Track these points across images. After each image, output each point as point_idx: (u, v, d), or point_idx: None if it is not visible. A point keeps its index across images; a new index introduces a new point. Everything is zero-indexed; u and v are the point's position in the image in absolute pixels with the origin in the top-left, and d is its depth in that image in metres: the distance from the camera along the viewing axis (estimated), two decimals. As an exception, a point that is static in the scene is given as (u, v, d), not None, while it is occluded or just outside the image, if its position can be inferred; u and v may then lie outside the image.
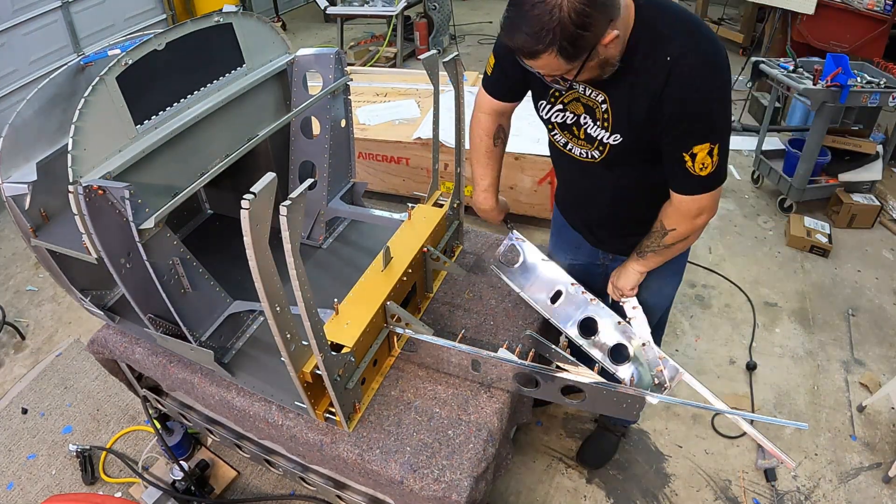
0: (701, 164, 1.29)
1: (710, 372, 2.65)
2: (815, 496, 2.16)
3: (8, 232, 3.76)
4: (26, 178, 1.53)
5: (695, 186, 1.34)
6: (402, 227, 1.87)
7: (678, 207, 1.43)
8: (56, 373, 2.73)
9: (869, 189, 3.57)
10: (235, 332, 1.79)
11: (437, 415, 1.58)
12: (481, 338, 1.80)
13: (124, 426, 2.48)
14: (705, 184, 1.33)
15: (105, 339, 1.91)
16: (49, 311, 3.14)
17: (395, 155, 3.49)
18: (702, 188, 1.34)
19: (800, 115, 4.25)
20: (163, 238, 1.47)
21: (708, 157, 1.27)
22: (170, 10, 5.64)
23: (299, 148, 2.13)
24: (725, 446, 2.34)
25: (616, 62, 1.24)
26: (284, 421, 1.60)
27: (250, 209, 0.98)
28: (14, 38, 4.19)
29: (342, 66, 1.99)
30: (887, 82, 3.15)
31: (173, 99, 1.61)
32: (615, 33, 1.14)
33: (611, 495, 2.20)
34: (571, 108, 1.46)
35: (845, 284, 3.12)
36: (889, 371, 2.61)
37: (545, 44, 1.10)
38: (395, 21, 5.55)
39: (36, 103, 1.54)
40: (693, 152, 1.27)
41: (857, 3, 4.16)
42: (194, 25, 1.62)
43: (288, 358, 1.31)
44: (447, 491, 1.40)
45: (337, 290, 1.67)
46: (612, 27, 1.14)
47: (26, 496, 2.24)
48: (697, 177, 1.31)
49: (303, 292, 1.18)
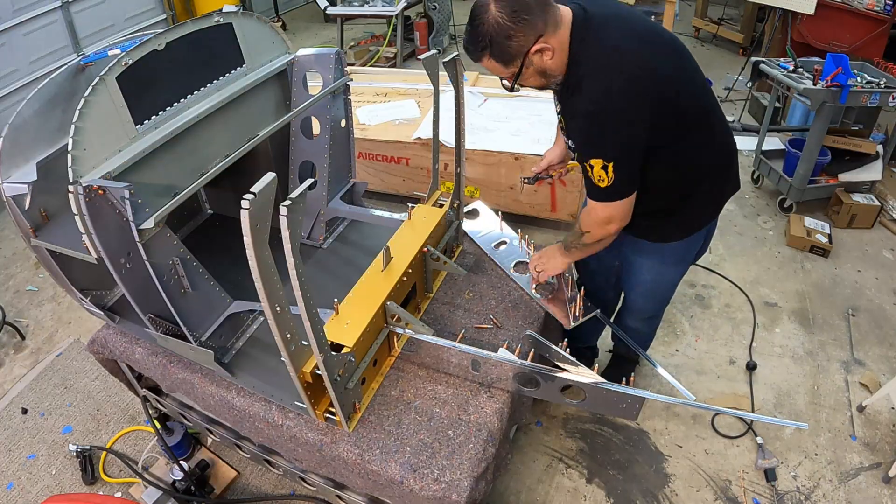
0: (598, 177, 1.44)
1: (710, 372, 2.65)
2: (815, 496, 2.16)
3: (8, 232, 3.76)
4: (26, 178, 1.54)
5: (597, 194, 1.49)
6: (402, 227, 1.87)
7: (589, 212, 1.59)
8: (56, 373, 2.73)
9: (869, 189, 3.57)
10: (235, 332, 1.79)
11: (437, 415, 1.58)
12: (481, 338, 1.80)
13: (124, 426, 2.48)
14: (605, 194, 1.48)
15: (105, 339, 1.91)
16: (49, 311, 3.14)
17: (395, 155, 3.48)
18: (604, 197, 1.49)
19: (800, 115, 4.25)
20: (163, 238, 1.48)
21: (602, 171, 1.42)
22: (170, 10, 5.64)
23: (299, 148, 2.13)
24: (725, 446, 2.34)
25: (558, 74, 1.45)
26: (284, 421, 1.60)
27: (250, 209, 0.98)
28: (14, 38, 4.19)
29: (342, 66, 1.99)
30: (887, 82, 3.15)
31: (173, 99, 1.61)
32: (543, 46, 1.37)
33: (611, 495, 2.20)
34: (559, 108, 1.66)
35: (845, 284, 3.11)
36: (889, 371, 2.61)
37: (479, 49, 1.39)
38: (395, 21, 5.54)
39: (36, 103, 1.54)
40: (591, 164, 1.43)
41: (857, 3, 4.16)
42: (194, 25, 1.62)
43: (288, 358, 1.31)
44: (447, 491, 1.40)
45: (337, 290, 1.67)
46: (542, 41, 1.37)
47: (26, 496, 2.24)
48: (597, 186, 1.47)
49: (303, 292, 1.18)
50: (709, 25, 6.16)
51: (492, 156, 3.22)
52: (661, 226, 1.73)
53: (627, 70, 1.37)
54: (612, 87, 1.37)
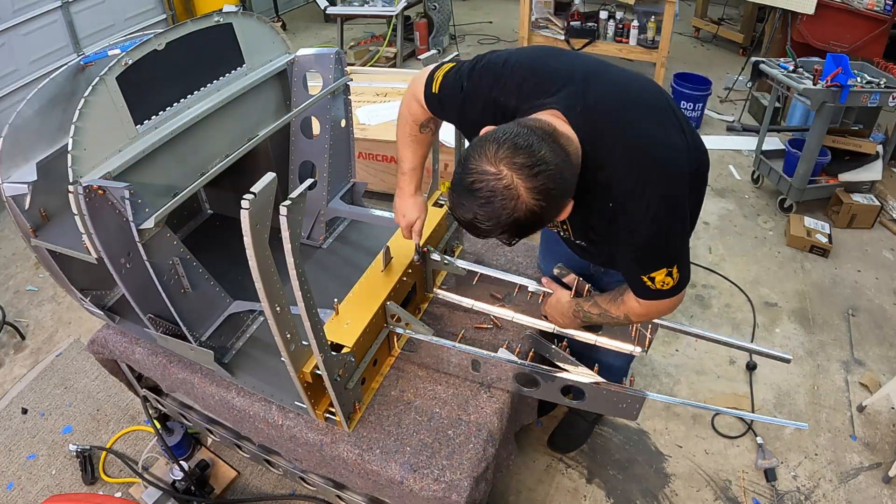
0: (661, 283, 1.25)
1: (710, 372, 2.65)
2: (815, 496, 2.16)
3: (8, 232, 3.76)
4: (26, 178, 1.53)
5: (659, 296, 1.30)
6: (403, 227, 1.87)
7: (644, 306, 1.36)
8: (56, 373, 2.73)
9: (869, 189, 3.57)
10: (235, 332, 1.79)
11: (437, 415, 1.57)
12: (481, 338, 1.80)
13: (124, 426, 2.48)
14: (669, 294, 1.29)
15: (105, 339, 1.91)
16: (49, 311, 3.14)
17: (396, 155, 3.48)
18: (666, 297, 1.30)
19: (800, 115, 4.25)
20: (163, 238, 1.47)
21: (668, 277, 1.24)
22: (170, 10, 5.64)
23: (299, 148, 2.13)
24: (725, 446, 2.34)
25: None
26: (284, 421, 1.60)
27: (250, 209, 0.98)
28: (14, 38, 4.18)
29: (342, 66, 1.99)
30: (887, 82, 3.15)
31: (173, 99, 1.61)
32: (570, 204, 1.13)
33: (611, 495, 2.20)
34: None
35: (845, 284, 3.11)
36: (889, 371, 2.61)
37: (496, 233, 1.09)
38: (395, 21, 5.54)
39: (36, 103, 1.54)
40: (651, 276, 1.25)
41: (857, 3, 4.16)
42: (194, 25, 1.62)
43: (288, 358, 1.31)
44: (447, 491, 1.40)
45: (337, 290, 1.67)
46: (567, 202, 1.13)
47: (26, 496, 2.24)
48: (659, 290, 1.27)
49: (303, 292, 1.18)
50: (709, 25, 6.16)
51: (492, 156, 3.21)
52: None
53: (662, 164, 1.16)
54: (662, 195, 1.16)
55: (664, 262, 1.23)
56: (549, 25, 5.53)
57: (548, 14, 5.58)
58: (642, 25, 5.06)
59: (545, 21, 5.57)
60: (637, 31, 5.06)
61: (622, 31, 5.16)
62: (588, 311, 1.52)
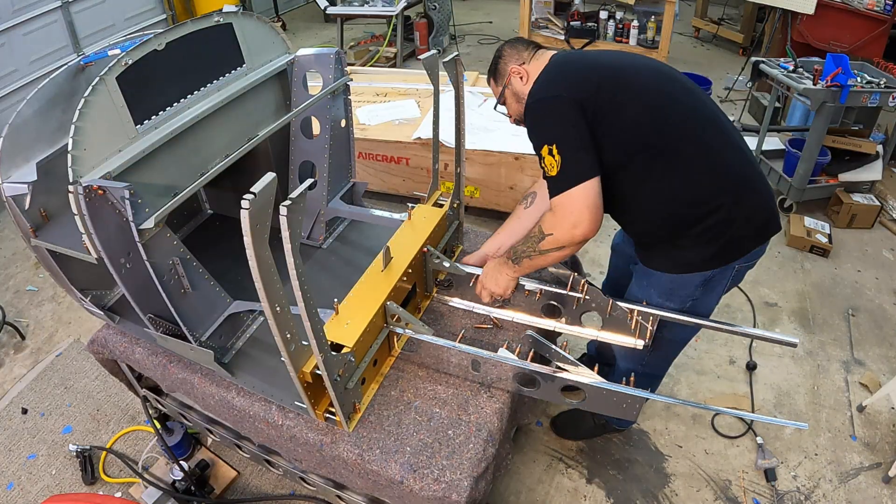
0: (549, 165, 1.47)
1: (710, 372, 2.65)
2: (815, 496, 2.16)
3: (8, 232, 3.76)
4: (26, 178, 1.53)
5: (553, 185, 1.49)
6: (402, 227, 1.87)
7: (553, 209, 1.53)
8: (56, 373, 2.73)
9: (869, 189, 3.57)
10: (235, 332, 1.79)
11: (437, 415, 1.57)
12: (481, 338, 1.80)
13: (124, 426, 2.48)
14: (559, 182, 1.47)
15: (105, 339, 1.91)
16: (49, 311, 3.14)
17: (395, 155, 3.48)
18: (559, 186, 1.47)
19: (800, 115, 4.25)
20: (163, 238, 1.47)
21: (550, 156, 1.46)
22: (170, 10, 5.64)
23: (299, 148, 2.13)
24: (725, 446, 2.34)
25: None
26: (284, 421, 1.60)
27: (250, 209, 0.98)
28: (14, 38, 4.19)
29: (342, 66, 1.99)
30: (887, 82, 3.15)
31: (173, 99, 1.61)
32: (519, 70, 1.66)
33: (611, 495, 2.20)
34: None
35: (845, 284, 3.12)
36: (889, 371, 2.61)
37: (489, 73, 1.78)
38: (395, 21, 5.54)
39: (36, 103, 1.54)
40: (541, 155, 1.49)
41: (857, 3, 4.16)
42: (194, 25, 1.62)
43: (288, 358, 1.31)
44: (447, 491, 1.40)
45: (337, 290, 1.67)
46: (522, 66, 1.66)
47: (26, 496, 2.24)
48: (551, 177, 1.48)
49: (303, 292, 1.18)
50: (709, 25, 6.16)
51: (492, 156, 3.22)
52: (645, 250, 1.69)
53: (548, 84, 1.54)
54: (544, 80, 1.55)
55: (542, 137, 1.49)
56: (549, 25, 5.54)
57: (548, 14, 5.59)
58: (642, 25, 5.07)
59: (545, 21, 5.57)
60: (637, 31, 5.06)
61: (622, 31, 5.16)
62: (517, 248, 1.65)
